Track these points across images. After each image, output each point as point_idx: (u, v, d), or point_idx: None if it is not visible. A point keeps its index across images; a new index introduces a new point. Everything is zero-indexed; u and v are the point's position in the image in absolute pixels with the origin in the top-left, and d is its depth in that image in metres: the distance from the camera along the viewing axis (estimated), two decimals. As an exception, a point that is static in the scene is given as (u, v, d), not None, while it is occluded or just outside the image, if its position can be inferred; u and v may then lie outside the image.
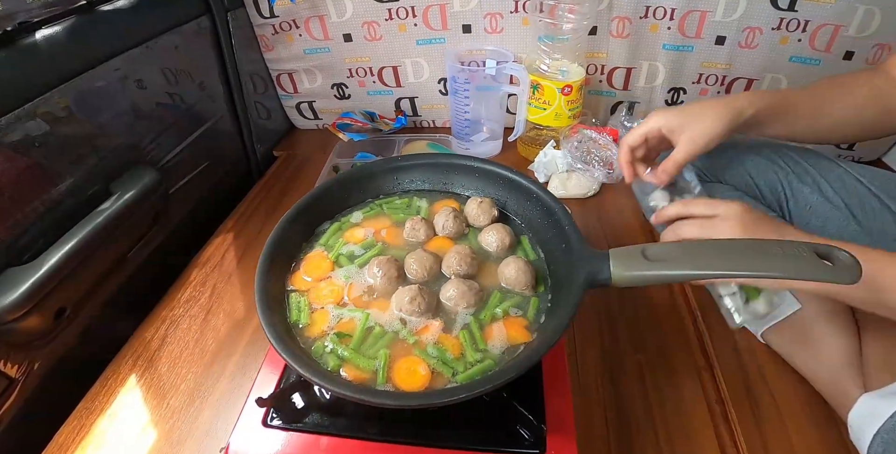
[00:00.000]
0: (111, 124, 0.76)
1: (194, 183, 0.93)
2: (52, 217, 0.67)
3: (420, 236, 0.56)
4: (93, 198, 0.72)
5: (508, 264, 0.51)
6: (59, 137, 0.67)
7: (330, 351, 0.45)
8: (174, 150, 0.88)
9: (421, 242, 0.55)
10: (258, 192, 1.03)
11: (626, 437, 0.58)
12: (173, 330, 0.74)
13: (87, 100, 0.72)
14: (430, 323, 0.47)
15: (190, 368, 0.68)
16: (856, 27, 0.90)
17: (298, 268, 0.53)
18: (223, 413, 0.63)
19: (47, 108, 0.65)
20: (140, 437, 0.61)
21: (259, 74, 1.12)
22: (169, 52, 0.88)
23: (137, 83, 0.81)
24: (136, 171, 0.78)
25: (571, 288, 0.46)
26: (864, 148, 1.04)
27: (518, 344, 0.46)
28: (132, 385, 0.67)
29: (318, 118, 1.23)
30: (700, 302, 0.74)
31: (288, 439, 0.47)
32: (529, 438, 0.45)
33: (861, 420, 0.55)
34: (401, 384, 0.43)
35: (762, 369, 0.66)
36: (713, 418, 0.60)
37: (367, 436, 0.47)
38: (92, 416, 0.64)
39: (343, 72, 1.12)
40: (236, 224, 0.94)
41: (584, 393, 0.63)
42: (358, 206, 0.60)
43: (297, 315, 0.48)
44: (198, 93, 0.96)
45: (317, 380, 0.40)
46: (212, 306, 0.77)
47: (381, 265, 0.51)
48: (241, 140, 1.09)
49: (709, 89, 1.04)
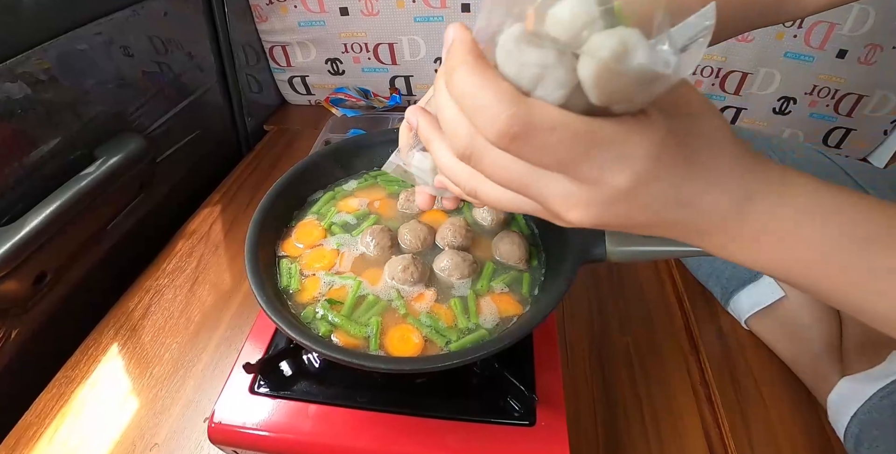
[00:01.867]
0: (95, 90, 0.73)
1: (181, 154, 0.90)
2: (33, 180, 0.65)
3: (414, 208, 0.55)
4: (76, 162, 0.70)
5: (503, 238, 0.51)
6: (41, 101, 0.65)
7: (320, 317, 0.45)
8: (160, 119, 0.86)
9: (415, 214, 0.55)
10: (247, 165, 1.01)
11: (612, 414, 0.59)
12: (157, 300, 0.72)
13: (70, 63, 0.69)
14: (424, 292, 0.47)
15: (174, 338, 0.67)
16: (850, 26, 0.91)
17: (290, 235, 0.52)
18: (208, 383, 0.62)
19: (28, 68, 0.63)
20: (122, 407, 0.60)
21: (251, 46, 1.09)
22: (157, 18, 0.85)
23: (124, 50, 0.78)
24: (122, 137, 0.76)
25: (566, 262, 0.46)
26: (849, 148, 1.06)
27: (511, 316, 0.46)
28: (114, 354, 0.66)
29: (311, 94, 1.20)
30: (687, 287, 0.75)
31: (275, 407, 0.47)
32: (520, 410, 0.46)
33: (839, 402, 0.56)
34: (393, 351, 0.42)
35: (746, 354, 0.67)
36: (697, 399, 0.61)
37: (357, 404, 0.47)
38: (72, 385, 0.62)
39: (338, 46, 1.10)
40: (224, 197, 0.92)
41: (573, 371, 0.63)
42: (352, 176, 0.59)
43: (288, 280, 0.48)
44: (187, 62, 0.93)
45: (309, 343, 0.39)
46: (198, 277, 0.76)
47: (375, 234, 0.50)
48: (231, 113, 1.07)
49: (703, 81, 1.05)
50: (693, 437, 0.58)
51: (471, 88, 0.23)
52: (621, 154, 0.23)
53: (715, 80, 1.04)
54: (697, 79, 1.05)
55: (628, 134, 0.23)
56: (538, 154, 0.23)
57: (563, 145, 0.23)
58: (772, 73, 1.00)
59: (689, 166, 0.25)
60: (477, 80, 0.23)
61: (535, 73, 0.22)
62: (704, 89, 1.06)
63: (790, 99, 1.03)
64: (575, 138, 0.22)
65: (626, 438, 0.57)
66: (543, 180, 0.25)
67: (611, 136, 0.23)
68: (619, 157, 0.23)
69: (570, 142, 0.22)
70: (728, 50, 0.99)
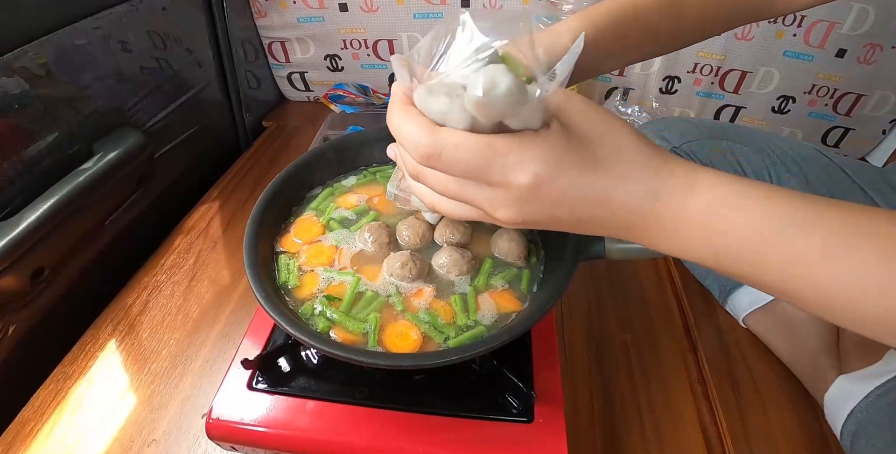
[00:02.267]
0: (94, 85, 0.73)
1: (180, 150, 0.90)
2: (31, 175, 0.65)
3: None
4: (74, 157, 0.69)
5: (501, 235, 0.51)
6: (39, 96, 0.65)
7: (319, 313, 0.45)
8: (159, 114, 0.85)
9: (413, 211, 0.55)
10: (245, 161, 1.01)
11: (609, 411, 0.59)
12: (155, 295, 0.72)
13: (68, 58, 0.69)
14: (423, 288, 0.47)
15: (172, 334, 0.67)
16: (850, 25, 0.91)
17: (289, 231, 0.52)
18: (206, 379, 0.62)
19: (26, 63, 0.63)
20: (119, 403, 0.60)
21: (250, 42, 1.09)
22: (156, 13, 0.84)
23: (122, 45, 0.78)
24: (121, 132, 0.75)
25: (565, 259, 0.46)
26: (847, 147, 1.06)
27: (510, 312, 0.46)
28: (112, 350, 0.66)
29: (310, 90, 1.20)
30: (686, 285, 0.75)
31: (273, 403, 0.47)
32: (518, 407, 0.46)
33: (837, 400, 0.57)
34: (392, 348, 0.42)
35: (744, 352, 0.68)
36: (695, 396, 0.61)
37: (355, 400, 0.46)
38: (69, 381, 0.62)
39: (337, 43, 1.10)
40: (222, 193, 0.92)
41: (571, 369, 0.63)
42: (351, 173, 0.59)
43: (286, 276, 0.47)
44: (185, 57, 0.92)
45: (307, 339, 0.39)
46: (196, 273, 0.75)
47: (373, 230, 0.50)
48: (230, 109, 1.06)
49: (703, 79, 1.05)
50: (690, 434, 0.58)
51: (399, 124, 0.30)
52: (519, 159, 0.28)
53: (714, 78, 1.04)
54: (697, 77, 1.05)
55: (523, 143, 0.28)
56: (452, 167, 0.29)
57: (469, 158, 0.28)
58: (771, 71, 1.00)
59: (595, 168, 0.29)
60: (402, 119, 0.30)
61: (441, 114, 0.29)
62: (704, 88, 1.06)
63: (789, 98, 1.03)
64: (476, 151, 0.28)
65: (624, 435, 0.57)
66: (471, 189, 0.30)
67: (508, 147, 0.28)
68: (517, 161, 0.28)
69: (473, 154, 0.28)
70: (728, 49, 0.99)
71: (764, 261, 0.28)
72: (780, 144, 0.75)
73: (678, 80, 1.07)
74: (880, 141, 1.05)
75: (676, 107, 1.11)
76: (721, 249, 0.29)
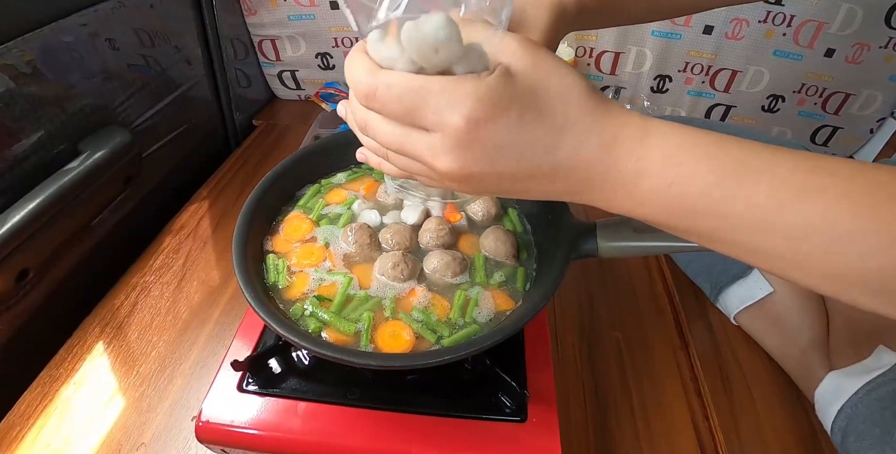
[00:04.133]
0: (80, 83, 0.72)
1: (168, 148, 0.89)
2: (15, 175, 0.63)
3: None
4: (60, 156, 0.68)
5: (488, 235, 0.51)
6: (24, 94, 0.63)
7: (309, 314, 0.44)
8: (147, 113, 0.84)
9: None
10: (235, 160, 1.00)
11: (602, 409, 0.59)
12: (144, 296, 0.71)
13: (54, 55, 0.67)
14: (415, 288, 0.46)
15: (161, 336, 0.66)
16: (838, 25, 0.92)
17: (278, 231, 0.51)
18: (195, 381, 0.61)
19: (10, 60, 0.61)
20: (107, 406, 0.59)
21: (240, 39, 1.08)
22: (144, 10, 0.83)
23: (109, 42, 0.77)
24: (107, 130, 0.74)
25: (557, 257, 0.46)
26: (836, 146, 1.07)
27: (503, 311, 0.45)
28: (99, 352, 0.65)
29: (301, 88, 1.19)
30: (677, 283, 0.76)
31: (264, 404, 0.46)
32: (511, 406, 0.45)
33: (826, 396, 0.57)
34: (384, 348, 0.42)
35: (735, 349, 0.68)
36: (687, 393, 0.62)
37: (346, 401, 0.46)
38: (56, 384, 0.61)
39: (328, 41, 1.09)
40: (211, 192, 0.91)
41: (564, 367, 0.63)
42: (341, 171, 0.58)
43: (276, 277, 0.47)
44: (174, 55, 0.91)
45: (299, 340, 0.39)
46: (185, 273, 0.75)
47: (354, 231, 0.50)
48: (219, 107, 1.05)
49: (694, 78, 1.05)
50: (682, 431, 0.58)
51: (347, 66, 0.30)
52: (451, 99, 0.27)
53: (705, 77, 1.05)
54: (688, 76, 1.05)
55: (457, 83, 0.27)
56: (388, 107, 0.28)
57: (403, 97, 0.28)
58: (761, 71, 1.01)
59: (540, 113, 0.28)
60: (350, 62, 0.30)
61: (388, 60, 0.28)
62: (695, 86, 1.06)
63: (779, 97, 1.04)
64: (410, 90, 0.27)
65: (617, 433, 0.57)
66: (412, 137, 0.29)
67: (441, 87, 0.27)
68: (451, 101, 0.27)
69: (407, 94, 0.27)
70: (718, 48, 0.99)
71: (725, 210, 0.27)
72: (770, 143, 0.76)
73: (669, 79, 1.07)
74: (868, 139, 1.06)
75: (668, 105, 1.11)
76: (678, 203, 0.28)
